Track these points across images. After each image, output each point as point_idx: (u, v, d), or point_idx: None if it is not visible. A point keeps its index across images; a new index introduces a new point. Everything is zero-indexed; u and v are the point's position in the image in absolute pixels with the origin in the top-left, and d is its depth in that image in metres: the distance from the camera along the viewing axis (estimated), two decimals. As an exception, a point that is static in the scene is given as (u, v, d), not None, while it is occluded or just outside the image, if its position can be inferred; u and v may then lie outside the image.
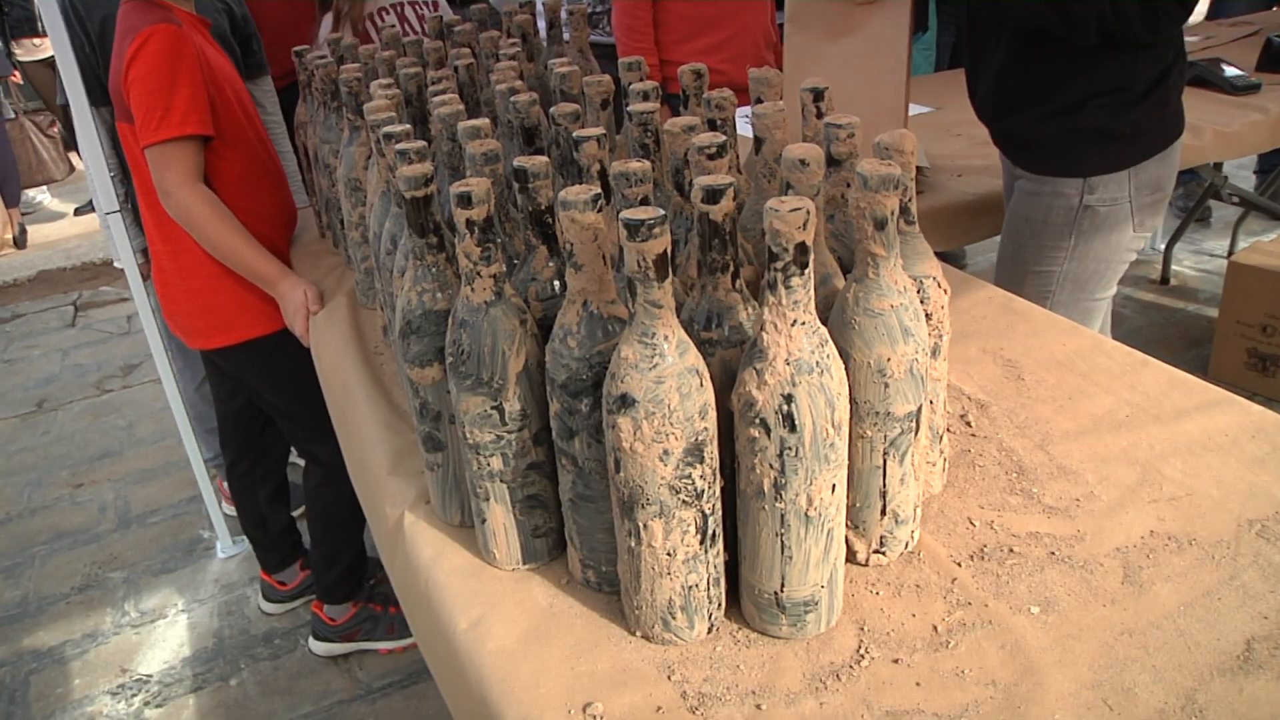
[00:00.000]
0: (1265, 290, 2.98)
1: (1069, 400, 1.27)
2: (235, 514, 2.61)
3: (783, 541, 0.86)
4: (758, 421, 0.81)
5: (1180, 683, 0.85)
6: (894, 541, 0.99)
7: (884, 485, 0.95)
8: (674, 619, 0.90)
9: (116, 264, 2.48)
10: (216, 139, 1.84)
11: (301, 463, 2.37)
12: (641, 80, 1.26)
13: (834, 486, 0.85)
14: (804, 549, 0.86)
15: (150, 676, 2.47)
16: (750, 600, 0.92)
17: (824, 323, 0.86)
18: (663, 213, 0.76)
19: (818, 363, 0.80)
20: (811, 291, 0.80)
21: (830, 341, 0.82)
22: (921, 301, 0.96)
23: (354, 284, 1.79)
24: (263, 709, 2.34)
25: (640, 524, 0.85)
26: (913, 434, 0.93)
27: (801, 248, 0.76)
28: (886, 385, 0.89)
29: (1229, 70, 2.67)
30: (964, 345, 1.41)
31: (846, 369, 0.87)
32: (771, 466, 0.82)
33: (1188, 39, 3.25)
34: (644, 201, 0.89)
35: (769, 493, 0.83)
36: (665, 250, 0.76)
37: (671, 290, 0.79)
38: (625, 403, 0.80)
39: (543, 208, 0.95)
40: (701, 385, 0.80)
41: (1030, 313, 1.51)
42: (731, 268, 0.84)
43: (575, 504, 0.96)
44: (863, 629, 0.93)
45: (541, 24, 1.97)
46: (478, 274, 0.91)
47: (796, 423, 0.80)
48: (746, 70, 1.21)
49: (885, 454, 0.93)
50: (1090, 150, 1.72)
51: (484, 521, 1.04)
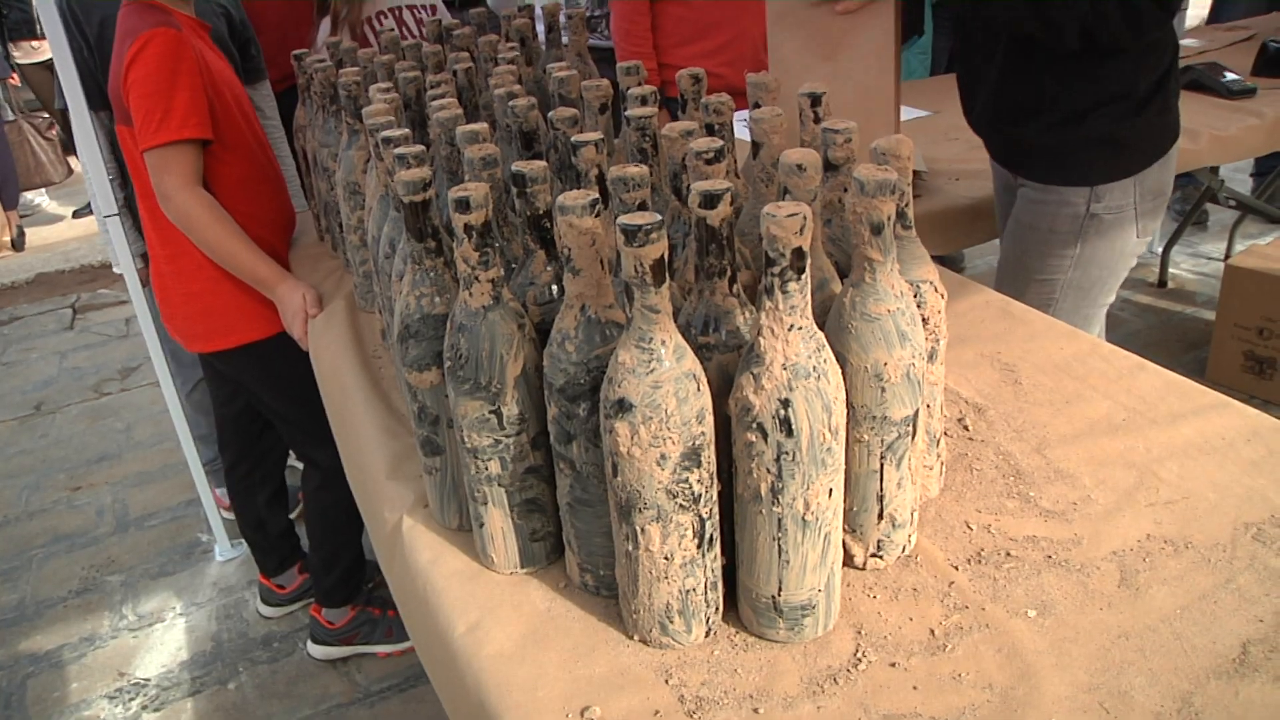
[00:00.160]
0: (1261, 293, 2.99)
1: (1066, 404, 1.28)
2: (233, 518, 2.61)
3: (780, 546, 0.86)
4: (755, 426, 0.81)
5: (1176, 686, 0.85)
6: (891, 545, 1.00)
7: (881, 489, 0.95)
8: (671, 623, 0.91)
9: (116, 269, 2.48)
10: (216, 143, 1.84)
11: (300, 466, 2.38)
12: (640, 85, 1.27)
13: (831, 491, 0.85)
14: (801, 553, 0.86)
15: (148, 680, 2.47)
16: (748, 604, 0.92)
17: (821, 327, 0.87)
18: (660, 218, 0.77)
19: (814, 368, 0.80)
20: (808, 296, 0.80)
21: (827, 346, 0.83)
22: (918, 306, 0.96)
23: (353, 287, 1.79)
24: (261, 712, 2.34)
25: (638, 528, 0.85)
26: (909, 438, 0.94)
27: (798, 253, 0.76)
28: (883, 390, 0.89)
29: (1225, 74, 2.67)
30: (961, 349, 1.41)
31: (844, 373, 0.87)
32: (769, 471, 0.82)
33: (1186, 42, 3.27)
34: (642, 206, 0.90)
35: (766, 497, 0.84)
36: (662, 255, 0.77)
37: (669, 295, 0.79)
38: (622, 407, 0.80)
39: (541, 212, 0.95)
40: (699, 390, 0.81)
41: (1027, 316, 1.51)
42: (729, 272, 0.85)
43: (573, 508, 0.97)
44: (860, 632, 0.93)
45: (540, 28, 1.97)
46: (476, 278, 0.91)
47: (793, 427, 0.80)
48: (745, 74, 1.21)
49: (882, 458, 0.93)
50: (1097, 158, 1.71)
51: (482, 525, 1.04)
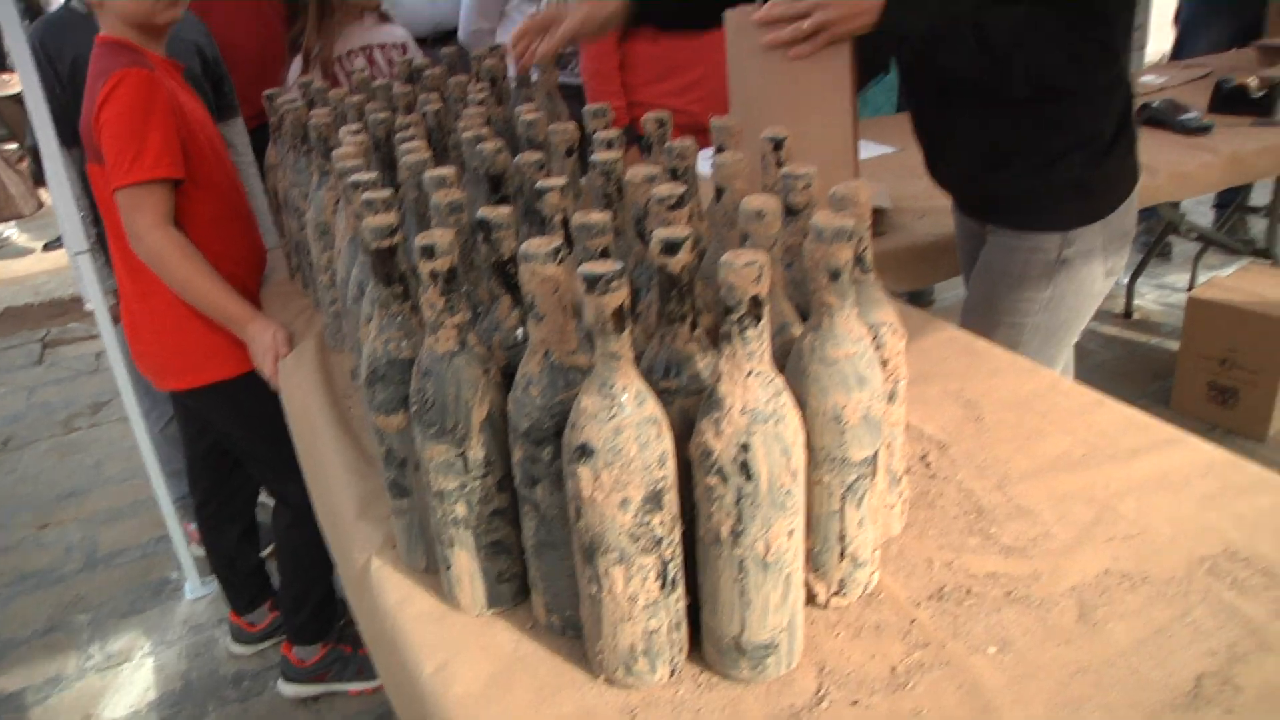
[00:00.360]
0: (1223, 324, 3.04)
1: (1027, 440, 1.30)
2: (204, 554, 2.59)
3: (741, 587, 0.87)
4: (715, 470, 0.82)
5: (1132, 720, 0.87)
6: (853, 584, 1.01)
7: (842, 529, 0.96)
8: (636, 663, 0.91)
9: (87, 306, 2.47)
10: (187, 182, 1.85)
11: (270, 503, 2.36)
12: (606, 128, 1.29)
13: (791, 532, 0.86)
14: (762, 594, 0.87)
15: (115, 721, 2.44)
16: (711, 644, 0.93)
17: (782, 370, 0.88)
18: (621, 266, 0.78)
19: (773, 412, 0.82)
20: (767, 342, 0.82)
21: (786, 390, 0.84)
22: (877, 348, 0.98)
23: (323, 326, 1.79)
24: (230, 753, 2.32)
25: (601, 570, 0.86)
26: (869, 478, 0.95)
27: (755, 300, 0.78)
28: (842, 432, 0.90)
29: (1184, 112, 2.74)
30: (925, 386, 1.43)
31: (804, 416, 0.88)
32: (729, 514, 0.83)
33: (1145, 79, 3.35)
34: (604, 253, 0.91)
35: (727, 539, 0.85)
36: (623, 304, 0.78)
37: (630, 341, 0.81)
38: (585, 452, 0.81)
39: (506, 258, 0.97)
40: (659, 434, 0.82)
41: (990, 353, 1.54)
42: (689, 318, 0.86)
43: (539, 550, 0.97)
44: (823, 671, 0.94)
45: (511, 67, 1.99)
46: (441, 324, 0.92)
47: (752, 471, 0.81)
48: (714, 112, 1.23)
49: (843, 498, 0.95)
50: (1068, 204, 1.71)
51: (449, 567, 1.04)
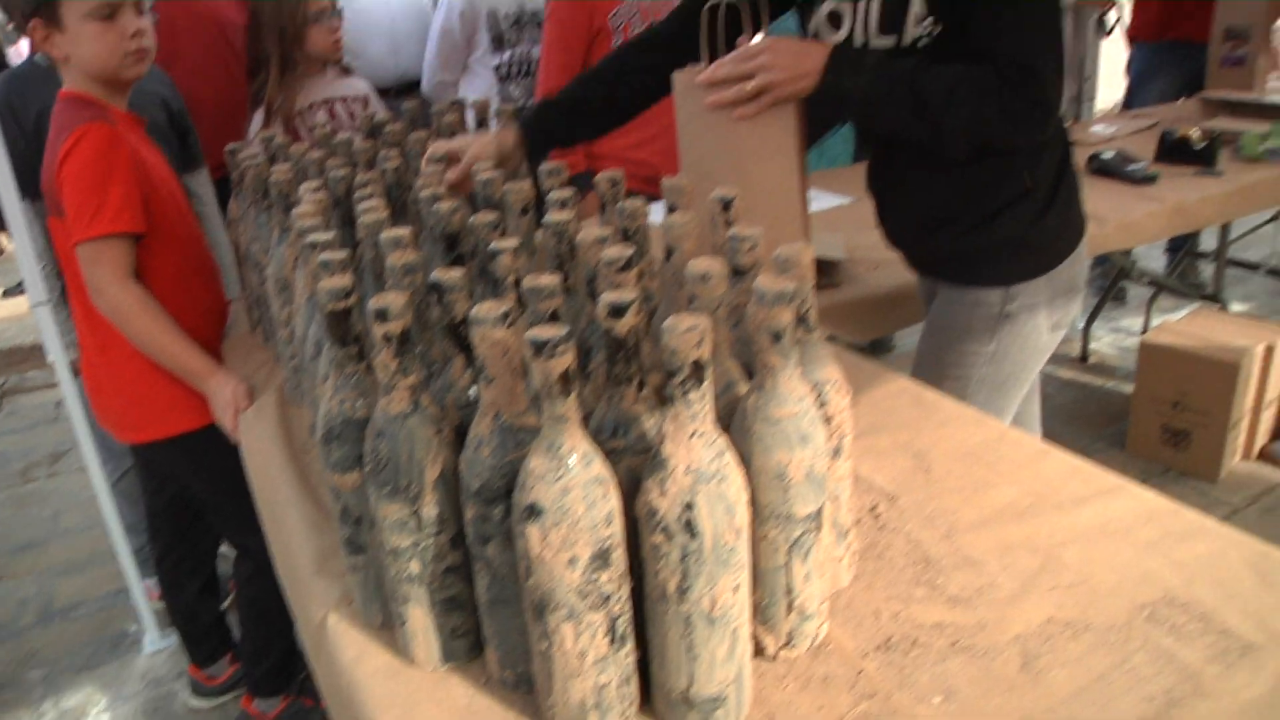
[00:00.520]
0: (1174, 368, 3.11)
1: (975, 491, 1.33)
2: (163, 606, 2.56)
3: (689, 642, 0.89)
4: (660, 528, 0.84)
5: (1070, 770, 0.89)
6: (801, 636, 1.03)
7: (789, 583, 0.99)
8: (587, 717, 0.92)
9: (50, 357, 2.45)
10: (149, 236, 1.86)
11: (231, 553, 2.35)
12: (560, 187, 1.32)
13: (737, 588, 0.88)
14: (709, 649, 0.89)
15: (70, 780, 2.40)
16: (661, 698, 0.95)
17: (728, 428, 0.91)
18: (567, 330, 0.81)
19: (716, 471, 0.84)
20: (710, 403, 0.84)
21: (729, 450, 0.87)
22: (821, 405, 1.01)
23: (283, 380, 1.80)
24: (188, 811, 2.28)
25: (551, 627, 0.88)
26: (815, 533, 0.98)
27: (697, 365, 0.81)
28: (786, 489, 0.93)
29: (1131, 163, 2.82)
30: (875, 437, 1.46)
31: (748, 473, 0.91)
32: (675, 571, 0.85)
33: (1095, 129, 3.44)
34: (554, 315, 0.94)
35: (673, 595, 0.87)
36: (568, 368, 0.80)
37: (576, 404, 0.83)
38: (533, 512, 0.83)
39: (458, 320, 0.99)
40: (606, 494, 0.84)
41: (940, 404, 1.57)
42: (636, 379, 0.89)
43: (491, 606, 0.99)
44: (771, 723, 0.96)
45: (471, 121, 2.03)
46: (395, 385, 0.94)
47: (697, 529, 0.83)
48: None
49: (789, 553, 0.97)
50: (1009, 259, 1.74)
51: (404, 623, 1.05)
